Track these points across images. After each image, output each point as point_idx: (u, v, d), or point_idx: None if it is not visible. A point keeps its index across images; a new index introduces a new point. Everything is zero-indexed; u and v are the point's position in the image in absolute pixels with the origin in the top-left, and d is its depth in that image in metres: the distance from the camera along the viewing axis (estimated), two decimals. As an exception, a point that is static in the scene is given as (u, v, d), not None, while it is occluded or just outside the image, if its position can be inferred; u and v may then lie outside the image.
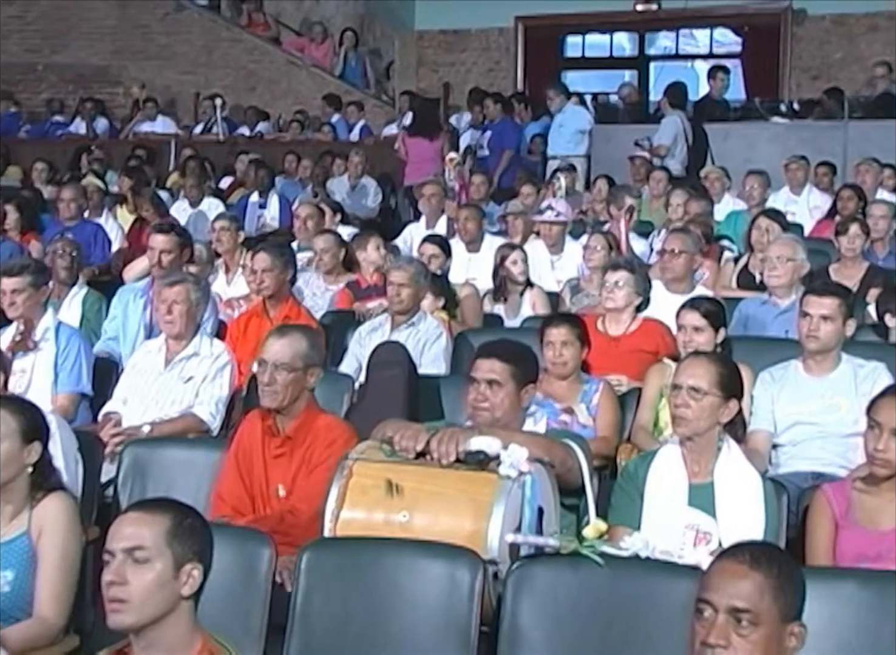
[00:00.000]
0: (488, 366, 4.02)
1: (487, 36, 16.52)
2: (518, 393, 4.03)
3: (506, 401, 4.00)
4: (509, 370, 4.02)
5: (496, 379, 4.00)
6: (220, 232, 7.55)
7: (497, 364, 4.02)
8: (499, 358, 4.04)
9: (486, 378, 4.01)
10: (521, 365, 4.06)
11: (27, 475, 3.68)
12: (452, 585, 3.42)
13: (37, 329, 5.66)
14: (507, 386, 4.01)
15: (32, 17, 16.56)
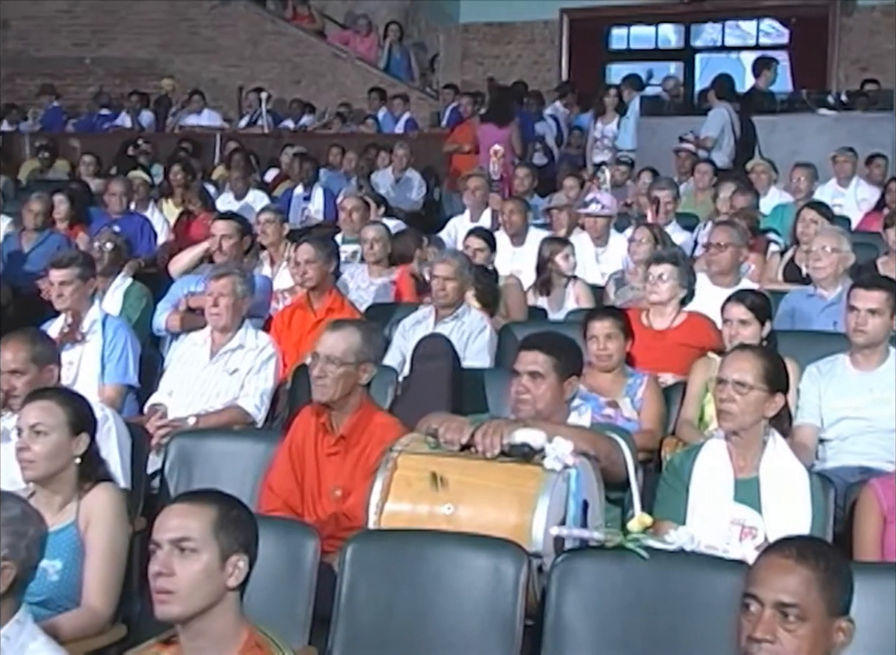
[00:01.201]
0: (530, 358, 4.02)
1: (532, 28, 16.49)
2: (560, 385, 4.02)
3: (548, 393, 3.99)
4: (551, 362, 4.01)
5: (538, 371, 3.99)
6: (265, 224, 7.57)
7: (539, 356, 4.01)
8: (541, 350, 4.03)
9: (527, 370, 4.01)
10: (563, 357, 4.05)
11: (75, 466, 3.73)
12: (497, 578, 3.41)
13: (84, 321, 5.68)
14: (549, 378, 4.00)
15: (81, 12, 16.68)
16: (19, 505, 2.93)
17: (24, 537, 2.85)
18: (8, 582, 2.80)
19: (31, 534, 2.87)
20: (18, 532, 2.84)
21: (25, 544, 2.85)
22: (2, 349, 4.50)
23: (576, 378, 4.10)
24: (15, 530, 2.84)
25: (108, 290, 6.59)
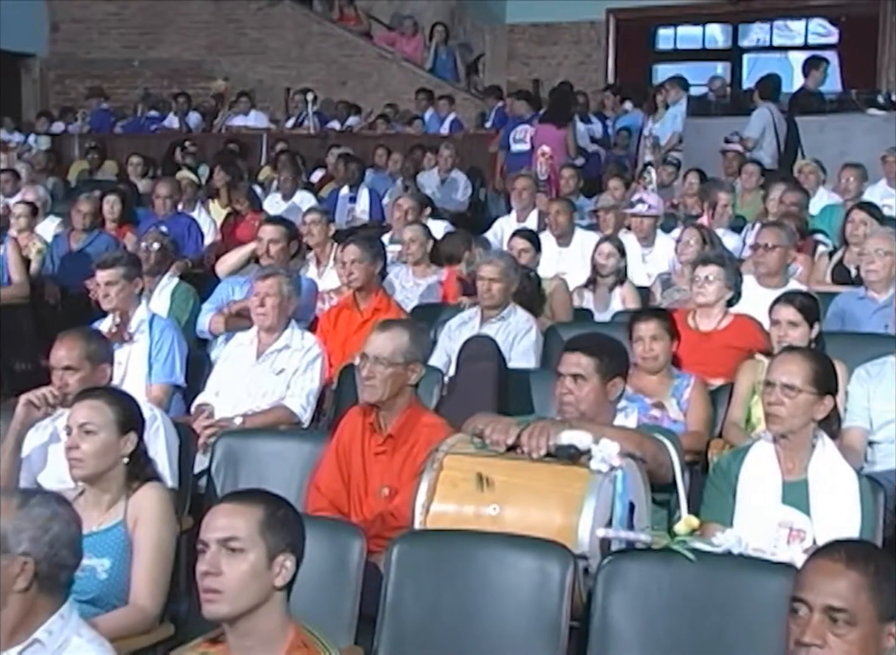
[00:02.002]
0: (573, 360, 4.02)
1: (578, 29, 16.46)
2: (604, 386, 4.01)
3: (591, 395, 3.98)
4: (594, 363, 3.99)
5: (580, 373, 3.98)
6: (311, 225, 7.59)
7: (582, 357, 4.01)
8: (584, 351, 4.02)
9: (570, 371, 4.00)
10: (606, 358, 4.03)
11: (123, 465, 3.75)
12: (543, 579, 3.41)
13: (131, 321, 5.71)
14: (591, 379, 3.99)
15: (130, 14, 16.80)
16: (50, 504, 2.93)
17: (46, 532, 2.85)
18: (29, 578, 2.81)
19: (56, 532, 2.87)
20: (42, 528, 2.85)
21: (48, 540, 2.85)
22: (57, 345, 4.53)
23: (620, 379, 4.08)
24: (39, 526, 2.85)
25: (156, 290, 6.63)
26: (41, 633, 2.81)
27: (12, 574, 2.80)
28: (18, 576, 2.80)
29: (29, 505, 2.87)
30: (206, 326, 6.46)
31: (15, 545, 2.81)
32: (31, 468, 4.39)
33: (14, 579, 2.80)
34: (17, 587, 2.80)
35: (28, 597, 2.81)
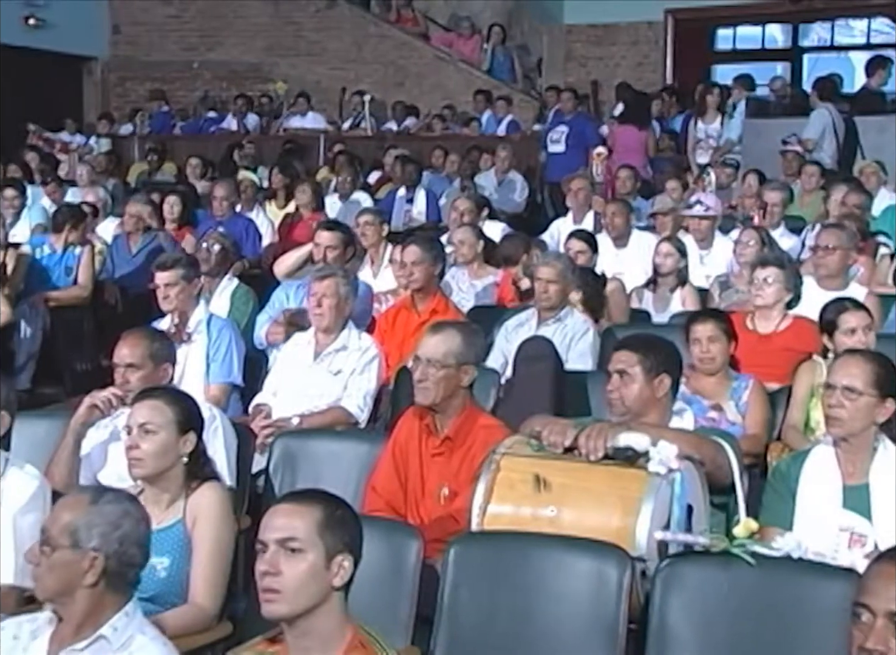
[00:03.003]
0: (619, 357, 4.04)
1: (637, 29, 16.39)
2: (650, 382, 3.99)
3: (635, 390, 3.97)
4: (637, 358, 3.99)
5: (625, 370, 3.99)
6: (365, 226, 7.61)
7: (625, 354, 4.02)
8: (628, 348, 4.05)
9: (615, 368, 4.02)
10: (650, 354, 4.02)
11: (183, 465, 3.78)
12: (600, 581, 3.39)
13: (190, 321, 5.76)
14: (636, 375, 3.98)
15: (189, 17, 16.93)
16: (121, 502, 2.98)
17: (116, 529, 2.90)
18: (98, 573, 2.86)
19: (126, 529, 2.91)
20: (113, 524, 2.90)
21: (118, 537, 2.89)
22: (120, 343, 4.57)
23: (667, 375, 4.04)
24: (110, 522, 2.90)
25: (216, 292, 6.66)
26: (106, 629, 2.85)
27: (82, 568, 2.85)
28: (88, 571, 2.85)
29: (101, 502, 2.92)
30: (263, 338, 6.46)
31: (86, 540, 2.86)
32: (92, 466, 4.44)
33: (83, 574, 2.85)
34: (85, 581, 2.85)
35: (96, 593, 2.86)
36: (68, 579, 2.86)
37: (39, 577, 2.91)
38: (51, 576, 2.88)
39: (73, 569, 2.86)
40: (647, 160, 11.88)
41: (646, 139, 11.90)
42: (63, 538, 2.87)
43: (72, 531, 2.87)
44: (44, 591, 2.92)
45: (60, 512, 2.94)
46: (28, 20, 15.68)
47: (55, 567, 2.87)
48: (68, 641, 2.88)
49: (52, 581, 2.88)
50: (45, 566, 2.88)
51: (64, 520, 2.90)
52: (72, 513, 2.91)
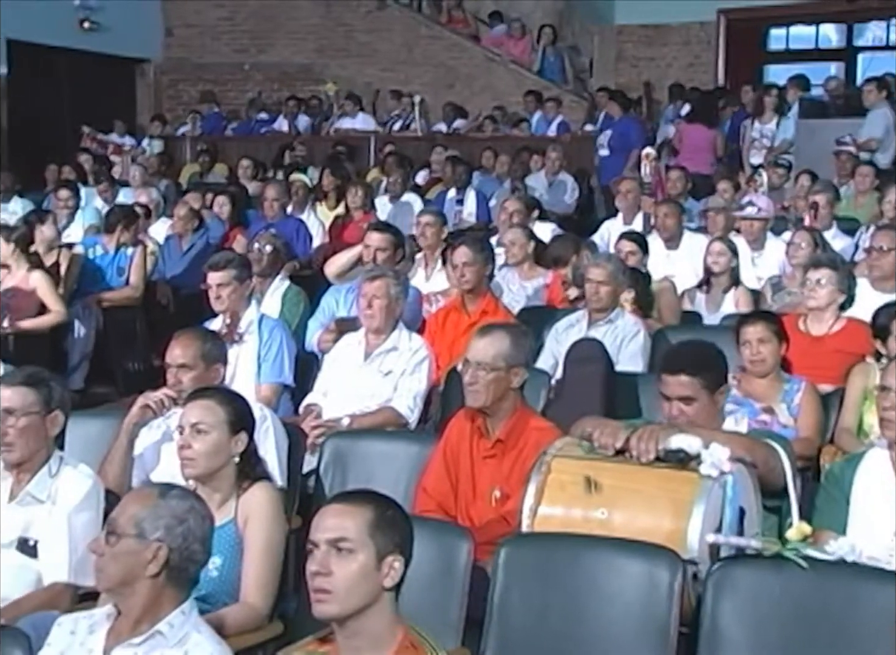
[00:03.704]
0: (678, 383, 3.92)
1: (688, 30, 16.32)
2: (713, 399, 3.95)
3: (703, 412, 3.92)
4: (699, 382, 3.91)
5: (689, 396, 3.91)
6: (425, 226, 7.60)
7: (685, 378, 3.91)
8: (686, 372, 3.92)
9: (677, 395, 3.91)
10: (709, 374, 3.95)
11: (234, 465, 3.80)
12: (651, 584, 3.38)
13: (241, 321, 5.78)
14: (700, 398, 3.92)
15: (241, 19, 17.02)
16: (188, 499, 3.02)
17: (181, 522, 2.93)
18: (160, 564, 2.89)
19: (191, 525, 2.95)
20: (178, 518, 2.94)
21: (182, 531, 2.92)
22: (173, 344, 4.60)
23: (725, 385, 4.03)
24: (175, 516, 2.94)
25: (267, 292, 6.70)
26: (163, 625, 2.88)
27: (145, 558, 2.89)
28: (150, 562, 2.89)
29: (168, 497, 2.97)
30: (314, 345, 6.47)
31: (151, 531, 2.90)
32: (144, 466, 4.47)
33: (146, 564, 2.89)
34: (147, 572, 2.89)
35: (156, 585, 2.89)
36: (131, 568, 2.89)
37: (102, 566, 2.94)
38: (114, 565, 2.91)
39: (137, 559, 2.89)
40: (716, 159, 11.87)
41: (714, 138, 11.90)
42: (129, 527, 2.91)
43: (138, 521, 2.91)
44: (106, 580, 2.95)
45: (128, 504, 2.98)
46: (83, 23, 15.83)
47: (119, 556, 2.90)
48: (125, 636, 2.91)
49: (114, 570, 2.91)
50: (108, 555, 2.92)
51: (131, 511, 2.94)
52: (139, 505, 2.95)
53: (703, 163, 11.49)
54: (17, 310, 7.62)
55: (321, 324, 6.52)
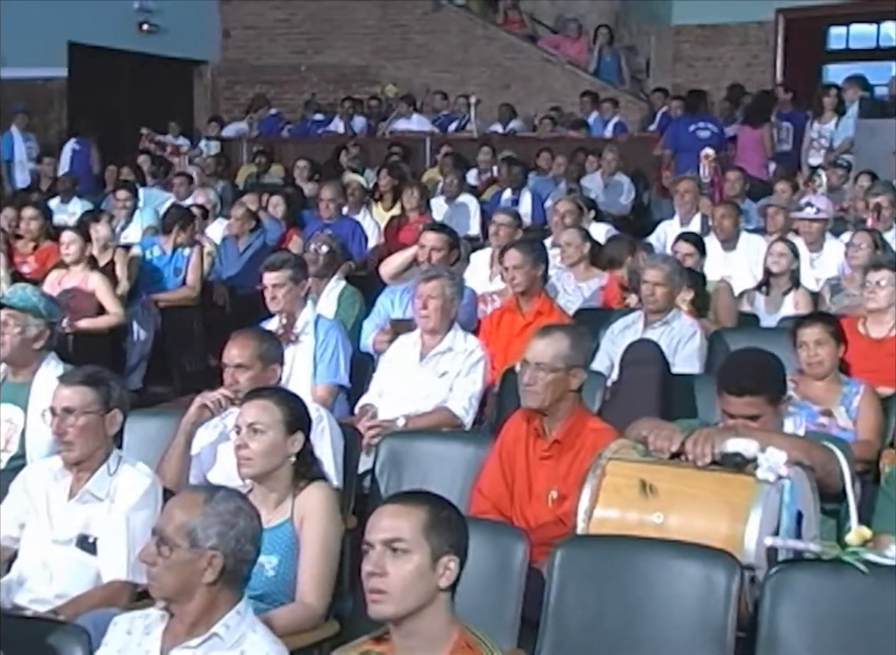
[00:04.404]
0: (743, 405, 3.83)
1: (746, 29, 16.19)
2: (776, 409, 3.89)
3: (769, 424, 3.87)
4: (764, 399, 3.83)
5: (755, 415, 3.84)
6: (500, 227, 7.60)
7: (750, 399, 3.83)
8: (751, 393, 3.82)
9: (744, 414, 3.82)
10: (772, 389, 3.88)
11: (290, 464, 3.81)
12: (708, 588, 3.36)
13: (297, 322, 5.80)
14: (765, 413, 3.85)
15: (299, 20, 17.09)
16: (234, 500, 3.03)
17: (234, 529, 2.94)
18: (217, 572, 2.90)
19: (242, 527, 2.96)
20: (229, 523, 2.94)
21: (235, 536, 2.94)
22: (230, 344, 4.63)
23: (786, 394, 3.98)
24: (225, 521, 2.94)
25: (323, 293, 6.71)
26: (219, 627, 2.89)
27: (200, 567, 2.89)
28: (206, 570, 2.90)
29: (215, 501, 2.96)
30: (370, 346, 6.47)
31: (203, 539, 2.91)
32: (202, 466, 4.50)
33: (202, 572, 2.89)
34: (204, 580, 2.90)
35: (213, 591, 2.91)
36: (187, 578, 2.90)
37: (156, 577, 2.94)
38: (169, 576, 2.91)
39: (192, 569, 2.90)
40: (766, 159, 11.77)
41: (761, 137, 11.79)
42: (180, 538, 2.91)
43: (189, 531, 2.91)
44: (161, 590, 2.95)
45: (175, 513, 2.97)
46: (142, 26, 15.99)
47: (174, 567, 2.90)
48: (182, 638, 2.92)
49: (170, 581, 2.91)
50: (162, 566, 2.91)
51: (180, 520, 2.93)
52: (188, 513, 2.94)
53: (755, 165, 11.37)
54: (77, 311, 7.69)
55: (376, 325, 6.53)
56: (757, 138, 11.88)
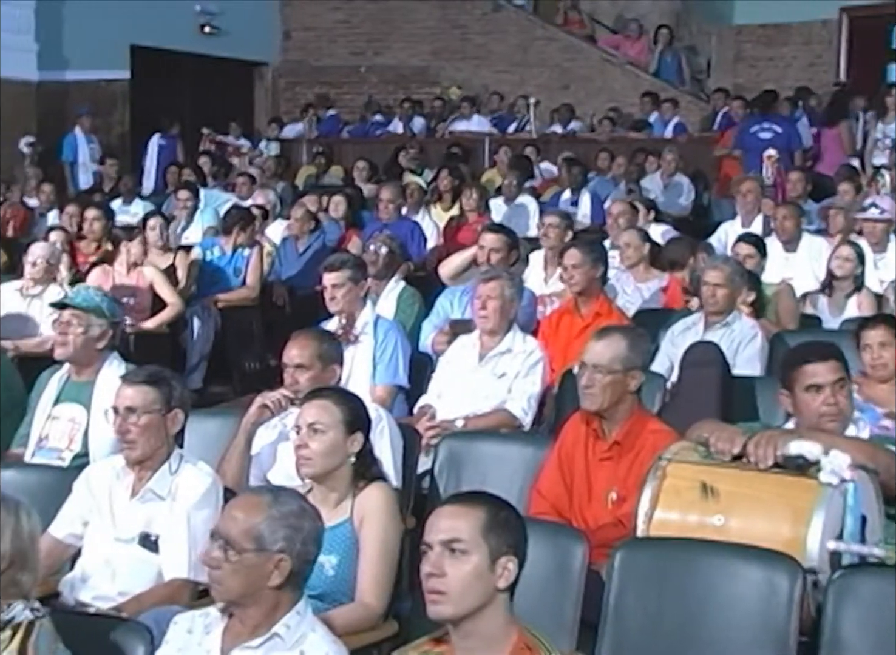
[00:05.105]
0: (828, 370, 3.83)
1: (810, 29, 16.03)
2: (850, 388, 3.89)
3: (848, 399, 3.85)
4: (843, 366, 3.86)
5: (841, 377, 3.84)
6: (549, 227, 7.57)
7: (834, 364, 3.84)
8: (834, 358, 3.86)
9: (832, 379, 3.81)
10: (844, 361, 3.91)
11: (350, 464, 3.82)
12: (770, 591, 3.33)
13: (357, 322, 5.81)
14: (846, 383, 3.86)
15: (358, 21, 17.16)
16: (296, 500, 3.03)
17: (300, 531, 2.95)
18: (284, 575, 2.91)
19: (307, 529, 2.97)
20: (295, 526, 2.94)
21: (301, 538, 2.95)
22: (290, 344, 4.65)
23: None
24: (291, 524, 2.94)
25: (382, 293, 6.73)
26: (280, 627, 2.90)
27: (267, 571, 2.90)
28: (272, 573, 2.90)
29: (280, 503, 2.96)
30: (429, 347, 6.47)
31: (271, 542, 2.91)
32: (261, 465, 4.52)
33: (268, 576, 2.90)
34: (270, 583, 2.90)
35: (277, 593, 2.91)
36: (253, 582, 2.90)
37: (221, 580, 2.93)
38: (235, 579, 2.91)
39: (259, 572, 2.90)
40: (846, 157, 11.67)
41: (838, 135, 11.71)
42: (247, 541, 2.91)
43: (256, 534, 2.91)
44: (226, 593, 2.94)
45: (240, 515, 2.96)
46: (203, 28, 16.13)
47: (240, 571, 2.90)
48: (243, 638, 2.93)
49: (236, 584, 2.91)
50: (228, 569, 2.91)
51: (247, 524, 2.93)
52: (254, 516, 2.94)
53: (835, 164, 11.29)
54: (138, 311, 7.75)
55: (435, 326, 6.54)
56: (835, 136, 11.79)
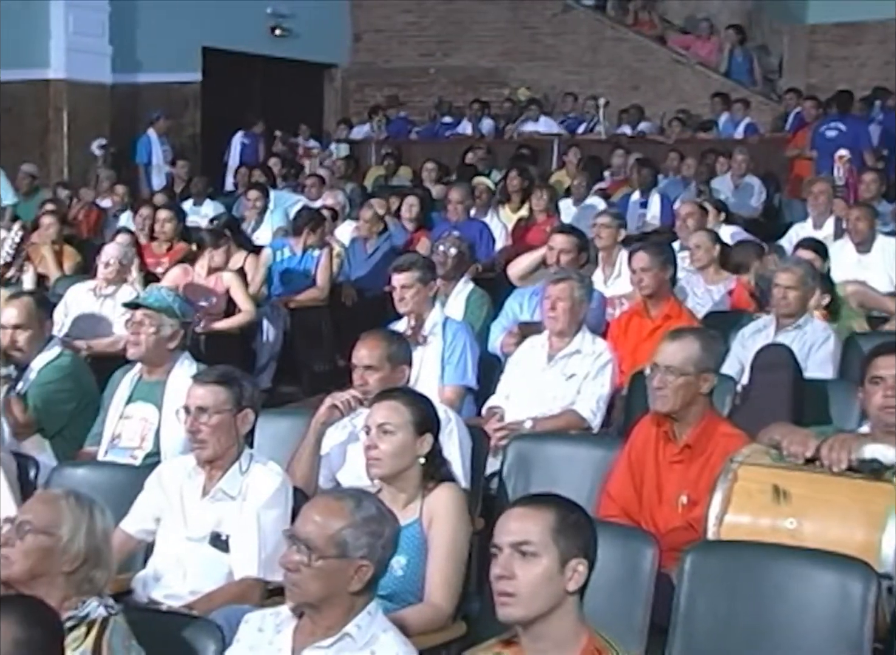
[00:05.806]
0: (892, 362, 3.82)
1: (885, 27, 15.80)
2: None
3: None
4: None
5: None
6: (601, 227, 7.54)
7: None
8: None
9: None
10: None
11: (419, 465, 3.82)
12: (843, 596, 3.29)
13: (426, 323, 5.82)
14: None
15: (428, 23, 17.20)
16: (376, 504, 3.04)
17: (380, 537, 2.95)
18: (365, 580, 2.91)
19: (387, 534, 2.98)
20: (376, 532, 2.95)
21: (382, 544, 2.95)
22: (359, 345, 4.66)
23: None
24: (373, 530, 2.94)
25: (451, 295, 6.73)
26: (351, 627, 2.91)
27: (348, 576, 2.90)
28: (353, 578, 2.90)
29: (361, 507, 2.96)
30: (497, 349, 6.46)
31: (354, 549, 2.91)
32: (331, 465, 4.54)
33: (349, 581, 2.90)
34: (350, 588, 2.90)
35: (353, 597, 2.91)
36: (334, 586, 2.90)
37: (300, 583, 2.92)
38: (315, 583, 2.90)
39: (341, 577, 2.90)
40: None
41: None
42: (330, 547, 2.90)
43: (340, 540, 2.91)
44: (303, 596, 2.94)
45: (321, 519, 2.95)
46: (274, 30, 16.25)
47: (321, 576, 2.90)
48: (314, 638, 2.94)
49: (316, 588, 2.90)
50: (308, 573, 2.90)
51: (330, 529, 2.92)
52: (338, 521, 2.93)
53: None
54: (212, 313, 7.81)
55: (504, 328, 6.53)
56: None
